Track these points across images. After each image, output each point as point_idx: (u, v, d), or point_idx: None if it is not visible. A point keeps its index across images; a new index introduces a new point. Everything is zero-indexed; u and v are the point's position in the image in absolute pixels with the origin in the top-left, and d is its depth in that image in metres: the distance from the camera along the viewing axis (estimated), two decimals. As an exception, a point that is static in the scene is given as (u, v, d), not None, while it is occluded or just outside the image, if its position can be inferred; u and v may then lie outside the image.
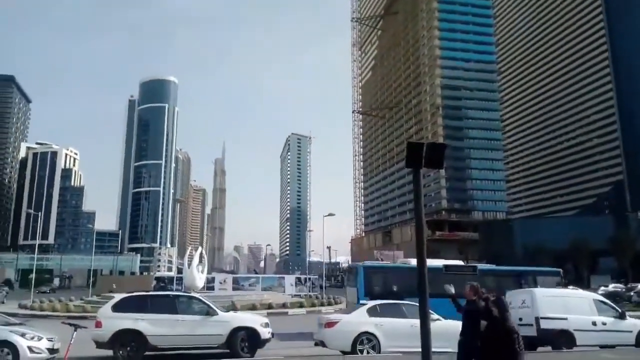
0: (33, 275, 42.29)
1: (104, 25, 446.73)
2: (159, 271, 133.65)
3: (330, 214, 42.41)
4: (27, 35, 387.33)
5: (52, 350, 10.92)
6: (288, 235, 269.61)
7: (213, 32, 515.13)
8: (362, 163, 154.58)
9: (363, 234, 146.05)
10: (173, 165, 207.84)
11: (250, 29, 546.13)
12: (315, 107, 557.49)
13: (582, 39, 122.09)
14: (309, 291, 44.89)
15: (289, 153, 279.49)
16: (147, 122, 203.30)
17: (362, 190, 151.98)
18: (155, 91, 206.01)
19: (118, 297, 13.01)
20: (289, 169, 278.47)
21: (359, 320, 12.48)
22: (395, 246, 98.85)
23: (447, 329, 12.92)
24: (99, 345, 11.99)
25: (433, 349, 10.69)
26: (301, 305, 29.56)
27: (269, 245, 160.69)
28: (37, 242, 54.13)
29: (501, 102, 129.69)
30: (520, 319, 13.67)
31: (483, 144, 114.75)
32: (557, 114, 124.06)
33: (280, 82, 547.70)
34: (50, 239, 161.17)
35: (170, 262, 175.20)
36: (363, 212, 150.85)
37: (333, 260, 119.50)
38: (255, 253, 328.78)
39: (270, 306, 27.48)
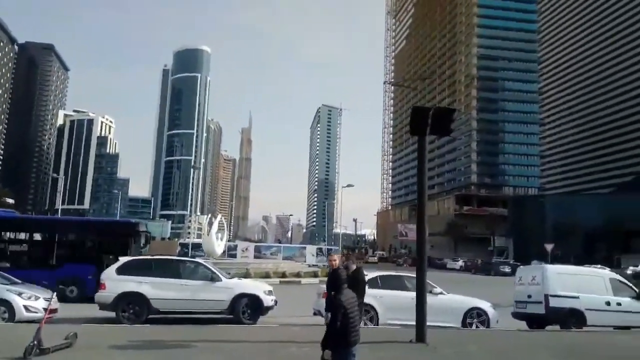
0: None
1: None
2: (189, 238, 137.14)
3: (349, 185, 42.29)
4: (65, 4, 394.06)
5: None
6: (315, 206, 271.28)
7: (244, 2, 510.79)
8: (391, 135, 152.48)
9: (389, 207, 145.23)
10: (204, 134, 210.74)
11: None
12: (347, 78, 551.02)
13: (628, 10, 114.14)
14: (330, 261, 44.99)
15: (318, 125, 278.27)
16: (180, 91, 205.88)
17: (390, 163, 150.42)
18: (188, 61, 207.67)
19: (122, 260, 13.03)
20: (318, 140, 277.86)
21: (359, 291, 12.23)
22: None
23: (451, 303, 12.61)
24: (102, 307, 12.12)
25: (434, 323, 10.52)
26: (315, 275, 29.77)
27: (291, 215, 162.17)
28: (61, 207, 56.23)
29: (541, 74, 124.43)
30: (529, 296, 13.21)
31: (519, 117, 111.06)
32: (598, 88, 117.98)
33: (312, 52, 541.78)
34: (86, 204, 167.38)
35: (200, 229, 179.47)
36: (390, 185, 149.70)
37: (358, 232, 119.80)
38: (283, 223, 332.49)
39: (284, 275, 27.73)
